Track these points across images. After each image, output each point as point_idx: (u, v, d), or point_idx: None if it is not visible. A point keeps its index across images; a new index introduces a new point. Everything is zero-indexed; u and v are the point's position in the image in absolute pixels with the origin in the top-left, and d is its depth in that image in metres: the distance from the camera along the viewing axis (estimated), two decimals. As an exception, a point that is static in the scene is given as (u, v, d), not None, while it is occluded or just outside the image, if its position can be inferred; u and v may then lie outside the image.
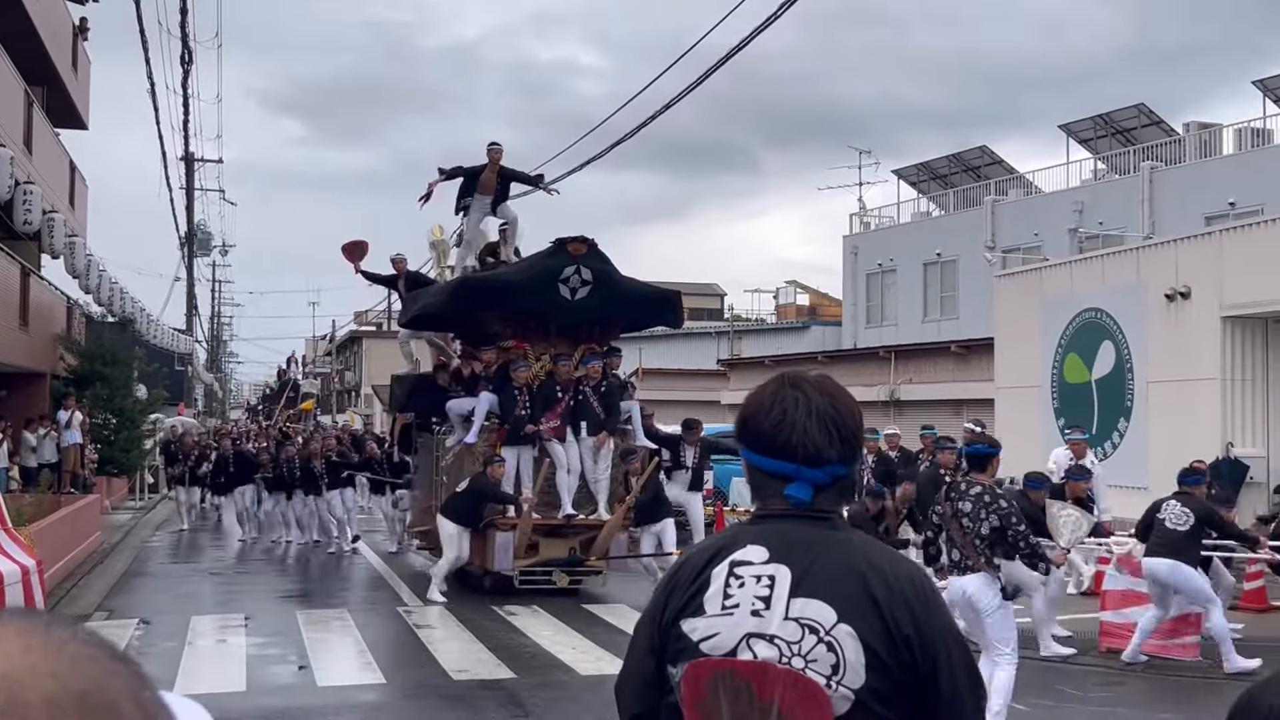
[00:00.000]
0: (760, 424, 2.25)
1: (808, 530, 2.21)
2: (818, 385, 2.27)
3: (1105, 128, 36.44)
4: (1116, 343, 19.69)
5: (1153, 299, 18.82)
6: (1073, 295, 20.83)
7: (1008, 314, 22.65)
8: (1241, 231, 18.34)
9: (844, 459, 2.22)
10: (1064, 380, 20.95)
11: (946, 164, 42.38)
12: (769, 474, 2.25)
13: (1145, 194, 31.51)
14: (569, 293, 14.51)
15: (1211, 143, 33.24)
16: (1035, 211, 34.99)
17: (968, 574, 8.09)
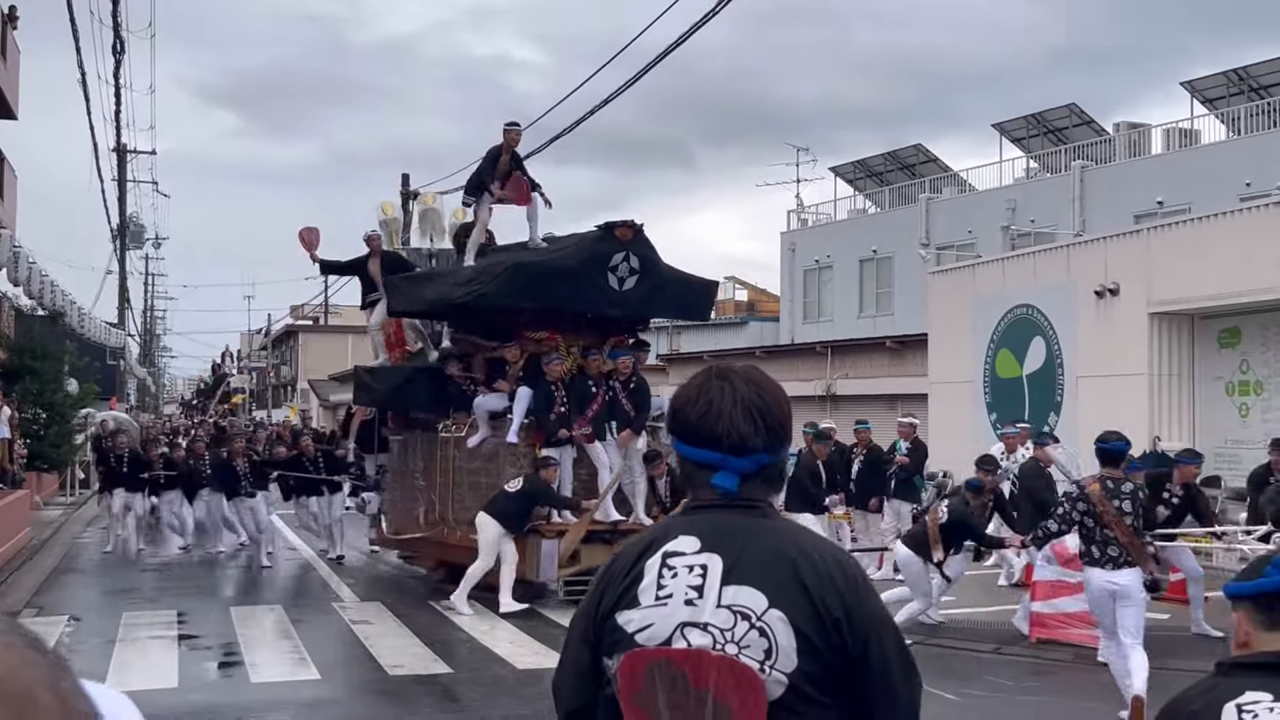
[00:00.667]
0: (688, 415, 2.28)
1: (738, 519, 2.23)
2: (744, 376, 2.29)
3: (1037, 127, 36.94)
4: (1047, 339, 19.97)
5: (1082, 296, 19.11)
6: (1004, 292, 21.09)
7: (941, 310, 22.89)
8: (1169, 230, 18.66)
9: (770, 448, 2.24)
10: (996, 375, 21.21)
11: (882, 162, 42.75)
12: (697, 464, 2.27)
13: (1076, 192, 31.98)
14: (617, 282, 13.56)
15: (1141, 142, 33.79)
16: (969, 209, 35.39)
17: (1123, 568, 8.44)
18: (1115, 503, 8.50)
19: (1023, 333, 20.56)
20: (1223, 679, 2.38)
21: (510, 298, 13.52)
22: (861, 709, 2.15)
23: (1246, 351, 17.66)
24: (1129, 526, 8.48)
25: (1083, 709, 9.29)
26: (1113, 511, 8.48)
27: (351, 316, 62.99)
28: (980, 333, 21.53)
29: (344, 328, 61.03)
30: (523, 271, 13.50)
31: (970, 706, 9.03)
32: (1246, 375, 17.66)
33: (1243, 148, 28.83)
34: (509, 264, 13.71)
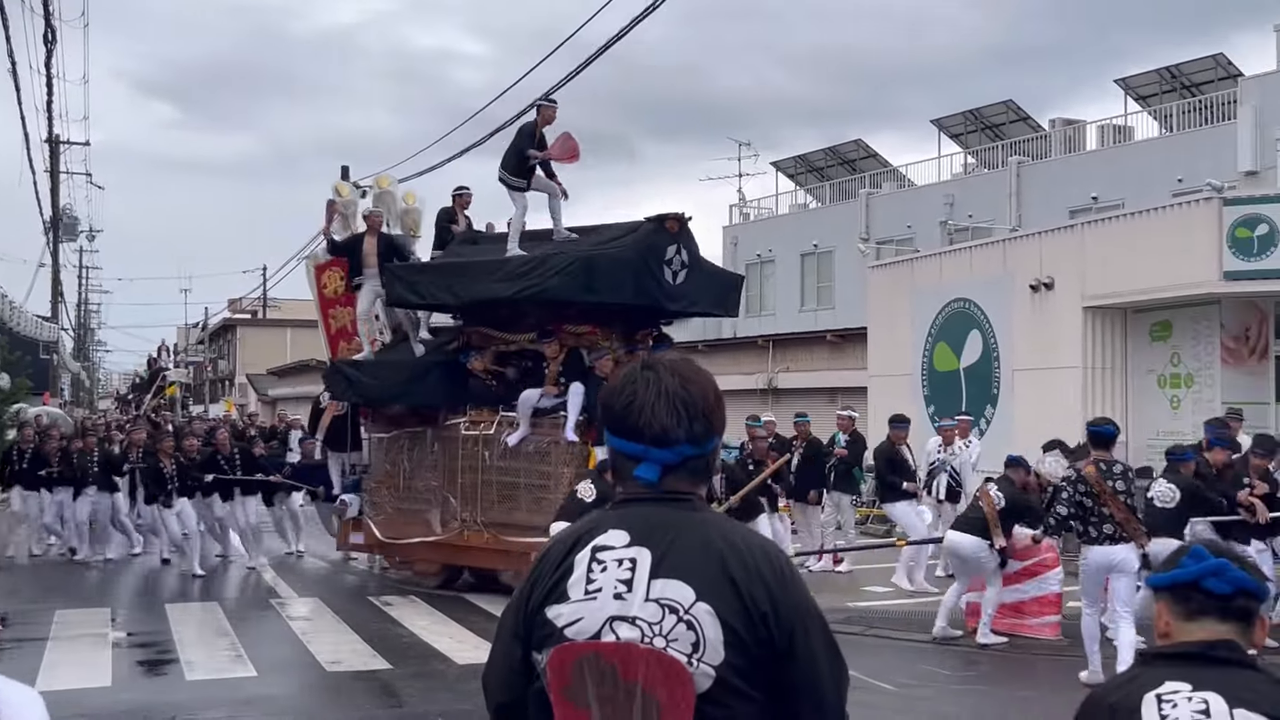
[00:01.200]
0: (613, 406, 2.29)
1: (667, 512, 2.24)
2: (671, 367, 2.30)
3: (975, 123, 37.34)
4: (984, 332, 20.19)
5: (1018, 289, 19.33)
6: (942, 286, 21.29)
7: (880, 304, 23.06)
8: (1102, 225, 18.91)
9: (694, 439, 2.25)
10: (934, 369, 21.41)
11: (823, 157, 43.02)
12: (623, 455, 2.29)
13: (1013, 188, 32.35)
14: (671, 275, 13.16)
15: (1076, 139, 34.25)
16: (908, 204, 35.69)
17: (1119, 543, 9.16)
18: (1110, 482, 9.19)
19: (960, 326, 20.77)
20: (1144, 669, 2.42)
21: (577, 292, 12.80)
22: (788, 702, 2.17)
23: (1178, 345, 17.95)
24: (1123, 504, 9.19)
25: (1019, 698, 9.42)
26: (1109, 490, 9.17)
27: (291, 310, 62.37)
28: (918, 326, 21.71)
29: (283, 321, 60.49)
30: (593, 265, 12.72)
31: (907, 697, 9.12)
32: (1178, 368, 17.95)
33: (1175, 144, 29.31)
34: (577, 257, 12.83)
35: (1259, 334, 17.43)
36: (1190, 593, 2.40)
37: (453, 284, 13.80)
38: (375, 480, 14.94)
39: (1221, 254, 16.57)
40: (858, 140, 42.05)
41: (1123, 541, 9.19)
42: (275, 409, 46.77)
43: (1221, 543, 2.68)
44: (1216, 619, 2.38)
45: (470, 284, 13.61)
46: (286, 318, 61.10)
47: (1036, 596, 11.06)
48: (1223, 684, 2.28)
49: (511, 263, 13.28)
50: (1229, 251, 16.56)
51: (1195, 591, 2.40)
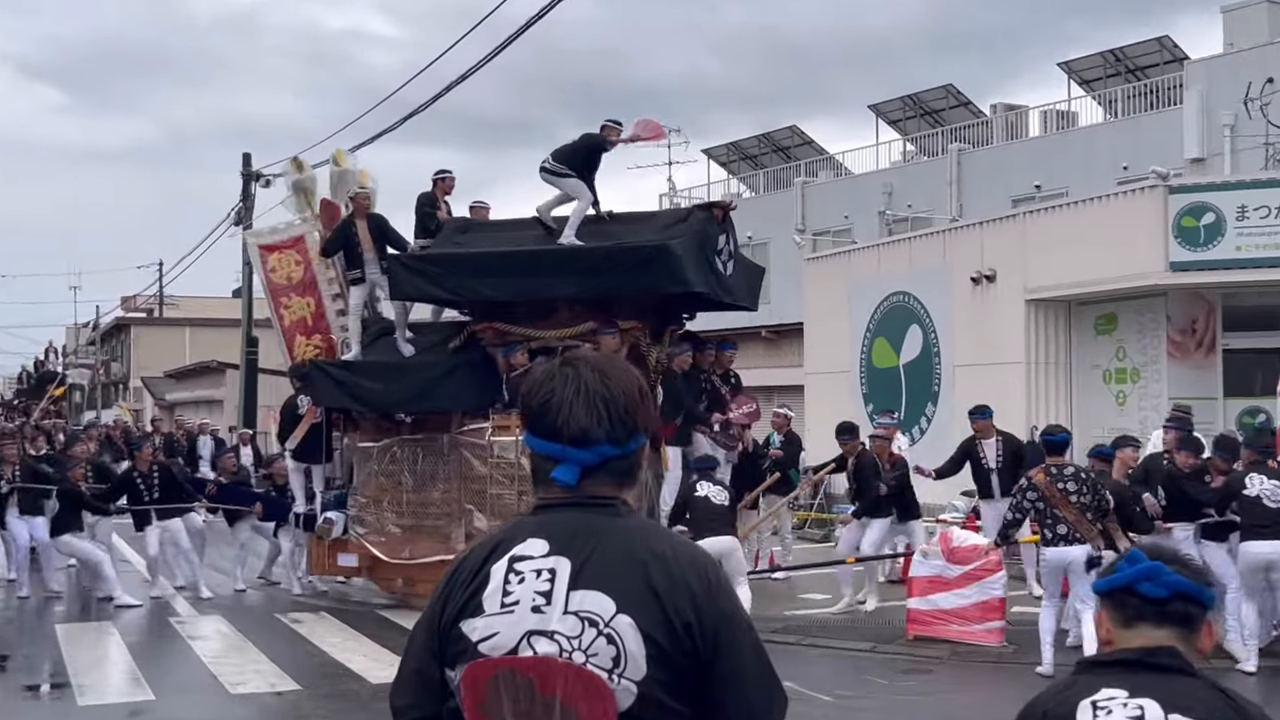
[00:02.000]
0: (530, 404, 2.29)
1: (589, 518, 2.24)
2: (592, 364, 2.31)
3: (914, 108, 37.71)
4: (924, 326, 20.42)
5: (959, 282, 19.57)
6: (880, 279, 21.50)
7: (817, 298, 23.24)
8: (1045, 214, 19.21)
9: (615, 440, 2.25)
10: (872, 365, 21.62)
11: (756, 144, 43.23)
12: (541, 456, 2.29)
13: (953, 175, 32.71)
14: (722, 266, 13.19)
15: (1018, 125, 34.71)
16: (845, 193, 35.95)
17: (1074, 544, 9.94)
18: (1060, 485, 10.03)
19: (899, 321, 20.98)
20: (1081, 676, 2.47)
21: (660, 282, 12.46)
22: (715, 716, 2.18)
23: (1123, 338, 18.28)
24: (1073, 505, 9.98)
25: (960, 704, 9.56)
26: (1058, 494, 10.01)
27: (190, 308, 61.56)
28: (856, 321, 21.91)
29: (181, 320, 59.64)
30: (672, 255, 12.31)
31: (845, 707, 9.22)
32: (1123, 363, 18.28)
33: (1120, 130, 29.79)
34: (657, 247, 12.41)
35: (1206, 327, 17.80)
36: (1126, 598, 2.44)
37: (487, 277, 13.10)
38: (365, 495, 13.95)
39: (1168, 244, 16.90)
40: (792, 126, 42.31)
41: (1078, 542, 9.95)
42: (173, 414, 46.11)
43: (1164, 545, 2.70)
44: (1153, 624, 2.41)
45: (520, 278, 12.92)
46: (185, 316, 60.28)
47: (979, 602, 11.20)
48: (1160, 690, 2.33)
49: (582, 255, 12.77)
50: (1175, 241, 16.89)
51: (1131, 596, 2.43)
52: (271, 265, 15.65)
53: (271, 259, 15.64)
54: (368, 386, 13.71)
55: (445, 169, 14.68)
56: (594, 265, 12.58)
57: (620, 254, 12.55)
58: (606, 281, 12.56)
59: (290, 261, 15.55)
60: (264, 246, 15.88)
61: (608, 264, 12.54)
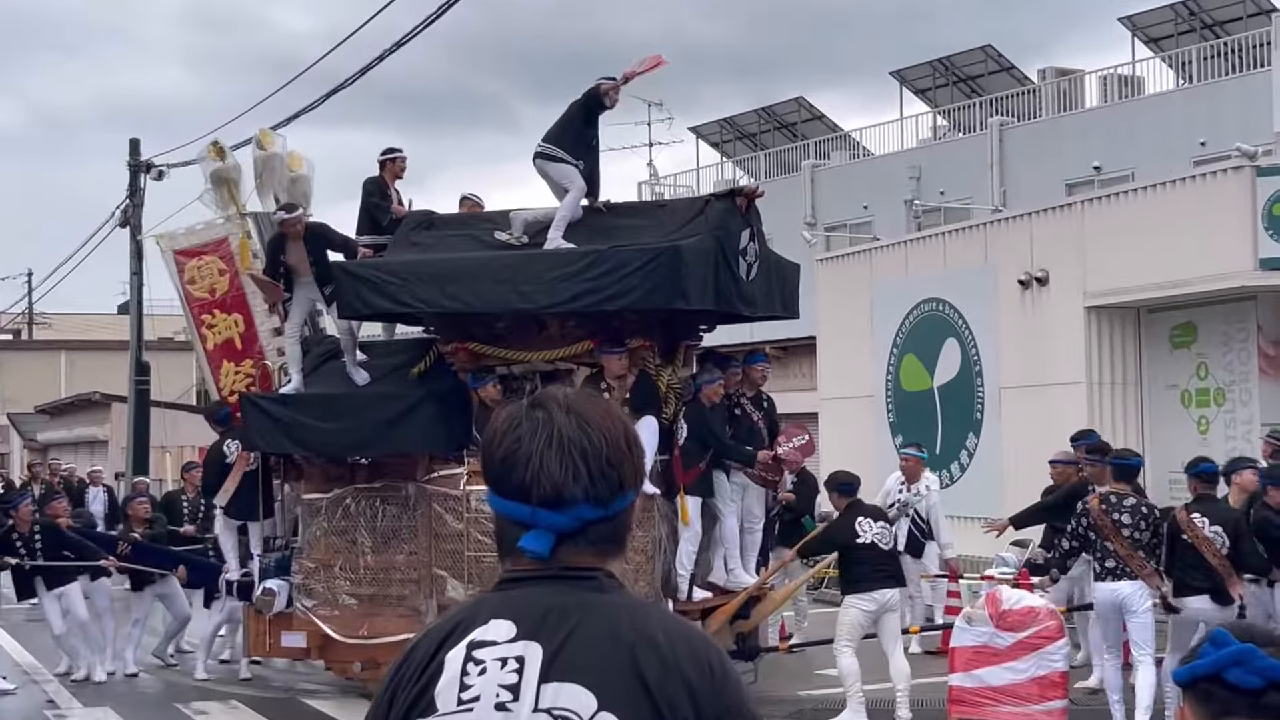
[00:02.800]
0: (493, 457, 2.28)
1: (563, 595, 2.23)
2: (566, 404, 2.29)
3: (945, 75, 37.84)
4: (962, 341, 20.42)
5: (1004, 286, 19.57)
6: (909, 283, 21.52)
7: (832, 307, 23.23)
8: (1107, 202, 19.21)
9: (597, 498, 2.24)
10: (901, 388, 21.61)
11: (755, 120, 43.34)
12: (508, 520, 2.28)
13: (994, 156, 32.78)
14: (745, 270, 12.75)
15: (1072, 93, 34.78)
16: (863, 178, 36.02)
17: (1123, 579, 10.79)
18: (1114, 516, 10.75)
19: (933, 334, 20.98)
20: None
21: (666, 296, 12.08)
22: None
23: (1204, 352, 18.27)
24: (1125, 539, 10.70)
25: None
26: (1109, 525, 10.73)
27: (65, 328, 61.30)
28: (880, 335, 21.91)
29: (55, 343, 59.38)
30: (682, 260, 11.95)
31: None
32: (1205, 382, 18.28)
33: (1196, 98, 29.85)
34: (662, 250, 12.07)
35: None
36: (1212, 688, 2.41)
37: (453, 286, 12.72)
38: (312, 559, 13.59)
39: (1256, 237, 16.91)
40: (798, 99, 42.44)
41: (1127, 577, 10.76)
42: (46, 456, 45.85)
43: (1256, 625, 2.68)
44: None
45: (493, 288, 12.58)
46: (61, 338, 59.96)
47: (1037, 676, 11.15)
48: None
49: (569, 260, 12.41)
50: (1266, 234, 16.89)
51: (1218, 687, 2.40)
52: (189, 275, 15.50)
53: (189, 267, 15.50)
54: (312, 425, 13.31)
55: (394, 148, 14.24)
56: (583, 272, 12.19)
57: (617, 259, 12.19)
58: (600, 293, 12.13)
59: (212, 270, 15.41)
60: (180, 252, 15.66)
61: (601, 271, 12.15)
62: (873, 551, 11.89)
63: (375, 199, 13.87)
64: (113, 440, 39.58)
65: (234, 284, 15.24)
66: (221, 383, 15.17)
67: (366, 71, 20.96)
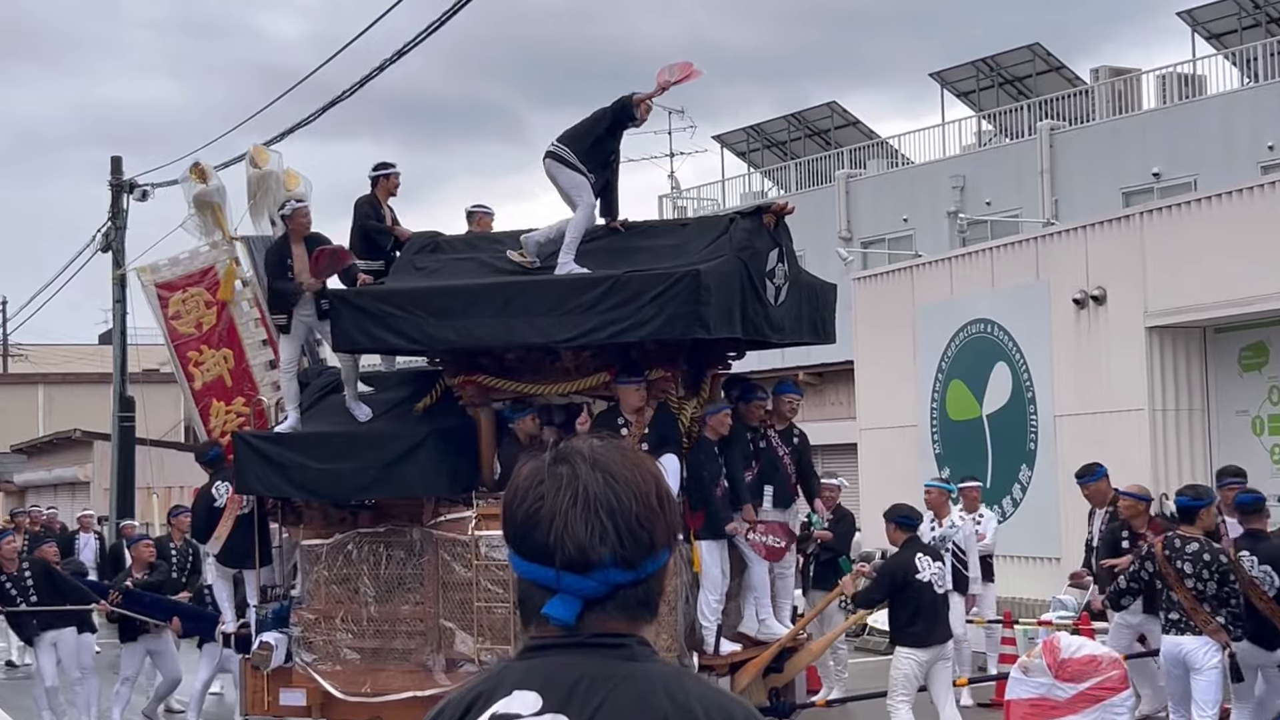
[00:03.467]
0: (514, 516, 2.30)
1: (594, 664, 2.25)
2: (593, 458, 2.30)
3: (991, 76, 37.82)
4: (1013, 365, 20.37)
5: (1058, 306, 19.53)
6: (955, 303, 21.48)
7: (871, 330, 23.21)
8: (1168, 213, 19.15)
9: (626, 560, 2.26)
10: (947, 417, 21.56)
11: (784, 127, 43.37)
12: (531, 585, 2.30)
13: (1045, 163, 32.72)
14: (774, 293, 12.67)
15: (1129, 94, 34.75)
16: (903, 189, 35.99)
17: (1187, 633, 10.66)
18: (1177, 564, 10.61)
19: (981, 358, 20.94)
20: None
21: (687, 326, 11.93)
22: None
23: (1277, 375, 18.22)
24: (1189, 591, 10.55)
25: None
26: (1174, 574, 10.59)
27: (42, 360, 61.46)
28: (924, 359, 21.87)
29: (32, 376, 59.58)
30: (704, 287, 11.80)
31: None
32: (1278, 407, 18.22)
33: (1264, 98, 29.76)
34: (683, 275, 11.91)
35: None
36: None
37: (457, 319, 12.67)
38: (314, 611, 13.56)
39: (1331, 249, 16.88)
40: (831, 103, 42.47)
41: (1191, 632, 10.62)
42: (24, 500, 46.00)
43: None
44: None
45: (500, 319, 12.53)
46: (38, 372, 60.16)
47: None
48: None
49: (585, 288, 12.27)
50: (1341, 245, 16.87)
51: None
52: (174, 309, 15.36)
53: (174, 301, 15.37)
54: (310, 466, 13.27)
55: (387, 163, 14.16)
56: (599, 302, 12.07)
57: (633, 286, 12.05)
58: (617, 324, 12.00)
59: (199, 303, 15.24)
60: (163, 285, 15.47)
61: (617, 300, 12.03)
62: (929, 594, 11.81)
63: (371, 220, 13.82)
64: (95, 481, 39.70)
65: (222, 316, 15.12)
66: (211, 424, 15.08)
67: (367, 81, 21.02)
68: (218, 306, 15.18)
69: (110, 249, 29.49)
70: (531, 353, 12.84)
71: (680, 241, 12.85)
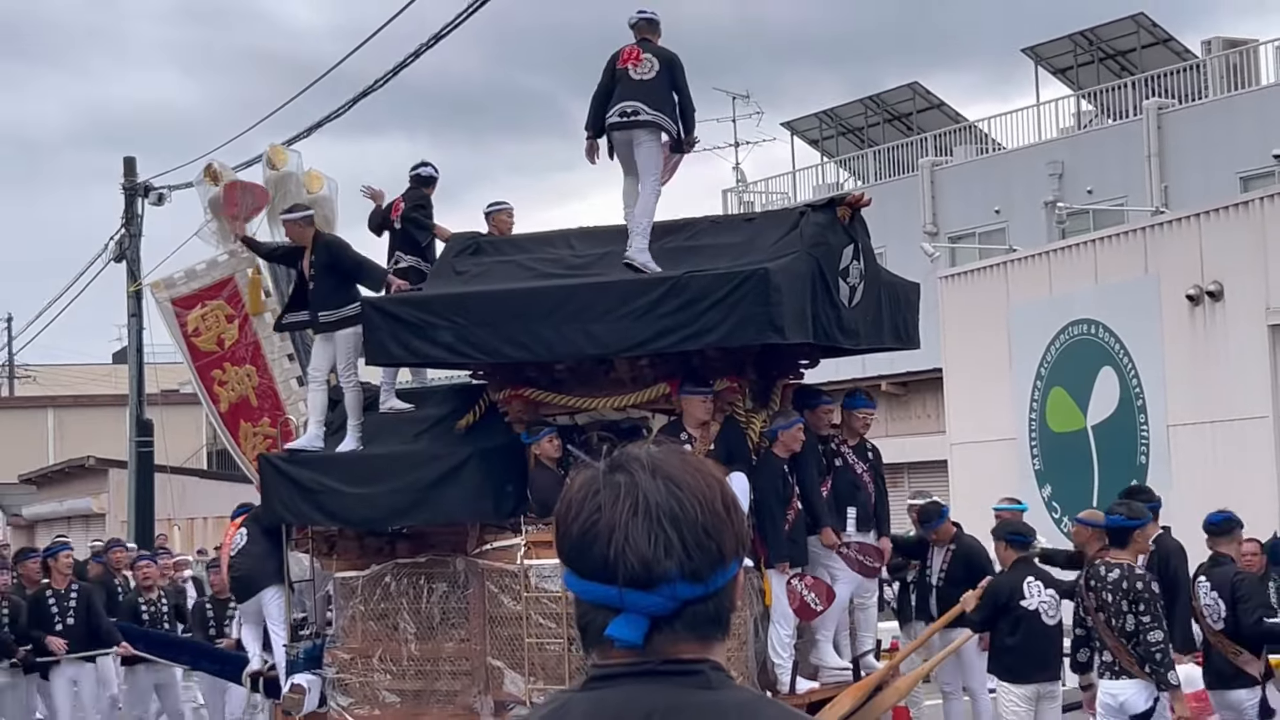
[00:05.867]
0: (569, 531, 2.32)
1: (665, 693, 2.27)
2: (653, 465, 2.32)
3: (1091, 50, 37.64)
4: (1120, 369, 20.28)
5: (1170, 303, 19.43)
6: (1054, 302, 21.39)
7: (961, 333, 23.15)
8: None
9: (694, 573, 2.27)
10: (1047, 428, 21.47)
11: (861, 111, 43.29)
12: (590, 605, 2.32)
13: (1152, 147, 32.57)
14: (848, 293, 12.62)
15: (1245, 68, 34.52)
16: (994, 177, 35.89)
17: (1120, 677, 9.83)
18: (1100, 595, 9.91)
19: (1084, 362, 20.85)
20: None
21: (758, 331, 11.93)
22: None
23: None
24: (1105, 625, 9.83)
25: None
26: (1092, 606, 9.93)
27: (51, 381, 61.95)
28: (1021, 365, 21.80)
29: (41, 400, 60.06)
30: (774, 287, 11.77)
31: None
32: None
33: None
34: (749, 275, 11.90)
35: None
36: None
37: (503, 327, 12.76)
38: (349, 649, 13.69)
39: None
40: (913, 84, 42.36)
41: (1125, 675, 9.90)
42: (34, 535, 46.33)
43: None
44: None
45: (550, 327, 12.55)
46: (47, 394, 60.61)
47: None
48: None
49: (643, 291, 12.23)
50: None
51: None
52: (193, 326, 15.44)
53: (192, 317, 15.45)
54: (343, 491, 13.30)
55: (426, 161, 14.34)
56: (657, 306, 12.02)
57: (697, 287, 11.99)
58: (678, 331, 11.96)
59: (219, 318, 15.32)
60: (179, 301, 15.58)
61: (679, 304, 11.95)
62: (1035, 623, 11.38)
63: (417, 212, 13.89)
64: (111, 513, 40.00)
65: (244, 330, 15.18)
66: (245, 448, 15.19)
67: (398, 72, 21.10)
68: (240, 319, 15.18)
69: (124, 258, 29.56)
70: (583, 364, 12.80)
71: (746, 238, 12.81)
